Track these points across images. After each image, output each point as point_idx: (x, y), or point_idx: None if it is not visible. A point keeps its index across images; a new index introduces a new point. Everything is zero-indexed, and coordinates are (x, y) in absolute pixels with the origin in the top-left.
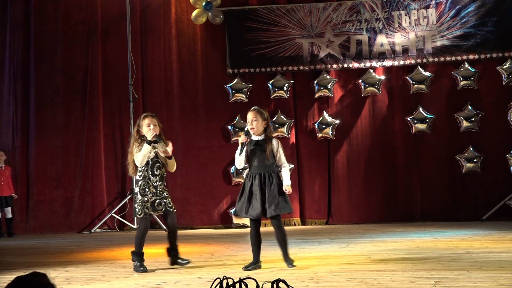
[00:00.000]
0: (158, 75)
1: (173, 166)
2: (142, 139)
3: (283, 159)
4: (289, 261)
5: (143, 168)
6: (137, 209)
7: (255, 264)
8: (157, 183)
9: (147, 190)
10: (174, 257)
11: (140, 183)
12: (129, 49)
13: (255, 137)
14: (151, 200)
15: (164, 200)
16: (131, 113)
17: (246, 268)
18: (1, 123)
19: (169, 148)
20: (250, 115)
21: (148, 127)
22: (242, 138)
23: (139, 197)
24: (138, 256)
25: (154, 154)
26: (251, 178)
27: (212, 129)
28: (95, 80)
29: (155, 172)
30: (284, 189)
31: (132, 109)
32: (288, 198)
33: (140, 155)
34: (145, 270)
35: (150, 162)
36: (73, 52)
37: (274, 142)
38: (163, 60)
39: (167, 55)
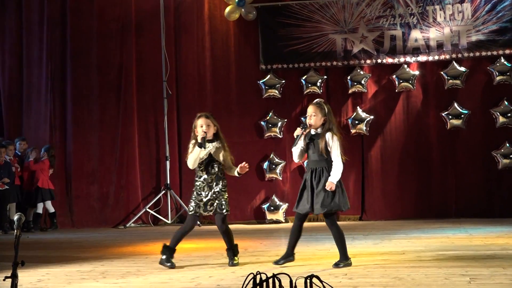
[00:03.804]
0: (192, 71)
1: (232, 173)
2: (196, 140)
3: (334, 155)
4: (340, 261)
5: (199, 167)
6: (190, 206)
7: (287, 258)
8: (213, 182)
9: (201, 189)
10: (228, 257)
11: (197, 182)
12: (163, 45)
13: (313, 131)
14: (206, 199)
15: (217, 201)
16: (165, 109)
17: (277, 262)
18: (40, 120)
19: (237, 170)
20: (310, 109)
21: (201, 128)
22: (297, 131)
23: (194, 194)
24: (169, 251)
25: (208, 153)
26: (307, 173)
27: (245, 125)
28: (129, 77)
29: (210, 171)
30: (326, 185)
31: (166, 105)
32: (341, 195)
33: (191, 157)
34: (172, 266)
35: (204, 162)
36: (108, 49)
37: (328, 136)
38: (196, 56)
39: (200, 51)
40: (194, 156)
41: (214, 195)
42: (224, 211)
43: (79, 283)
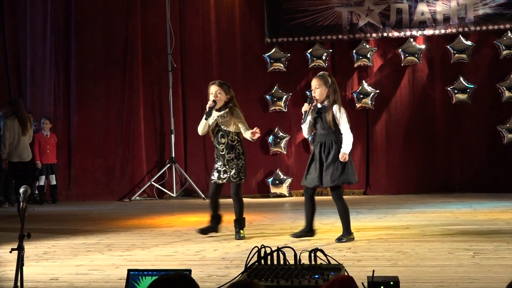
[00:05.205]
0: (197, 44)
1: (246, 136)
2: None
3: (343, 127)
4: (342, 236)
5: (213, 136)
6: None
7: (306, 231)
8: (224, 151)
9: (217, 157)
10: (235, 229)
11: (215, 150)
12: (168, 18)
13: (319, 105)
14: (220, 168)
15: (231, 170)
16: (170, 82)
17: (295, 235)
18: (44, 93)
19: (248, 134)
20: (313, 82)
21: (211, 95)
22: (305, 107)
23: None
24: (215, 219)
25: (215, 123)
26: (316, 146)
27: (250, 98)
28: (134, 50)
29: (220, 140)
30: (340, 157)
31: (171, 78)
32: (349, 168)
33: (200, 125)
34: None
35: (215, 131)
36: (113, 22)
37: (335, 108)
38: (201, 29)
39: (205, 24)
40: (202, 123)
41: (226, 164)
42: (238, 179)
43: (85, 255)
